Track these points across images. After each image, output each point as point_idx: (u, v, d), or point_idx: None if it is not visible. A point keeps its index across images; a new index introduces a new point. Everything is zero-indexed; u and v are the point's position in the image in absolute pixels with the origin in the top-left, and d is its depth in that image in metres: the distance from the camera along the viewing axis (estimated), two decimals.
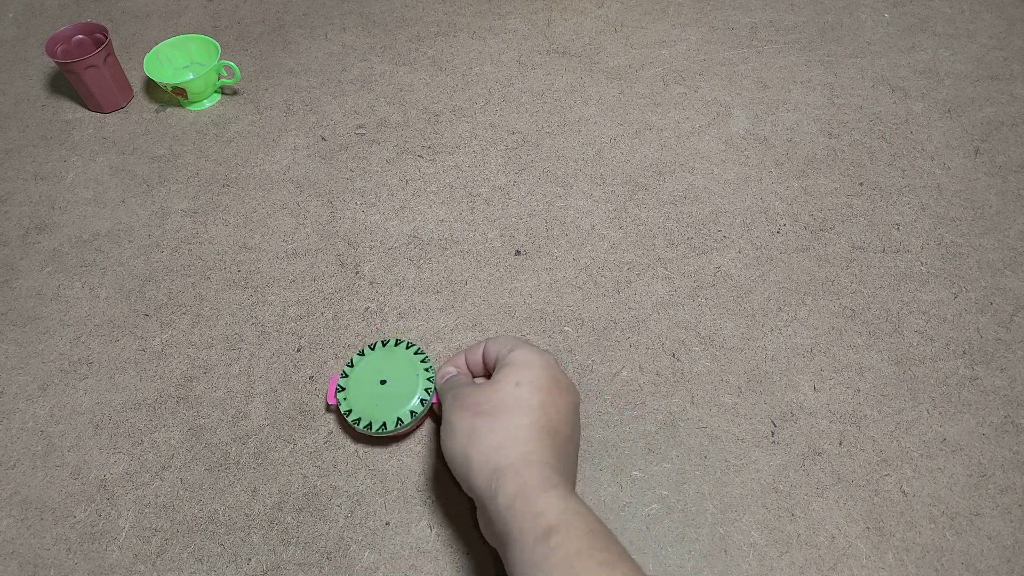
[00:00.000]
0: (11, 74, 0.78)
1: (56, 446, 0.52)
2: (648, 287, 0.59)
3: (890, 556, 0.46)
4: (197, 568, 0.46)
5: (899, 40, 0.79)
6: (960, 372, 0.54)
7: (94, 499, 0.49)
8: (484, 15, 0.83)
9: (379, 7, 0.84)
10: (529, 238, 0.63)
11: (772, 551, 0.47)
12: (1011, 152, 0.68)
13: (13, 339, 0.57)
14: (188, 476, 0.50)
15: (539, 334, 0.57)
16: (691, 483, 0.49)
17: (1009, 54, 0.77)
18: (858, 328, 0.57)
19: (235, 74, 0.72)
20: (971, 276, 0.60)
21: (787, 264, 0.61)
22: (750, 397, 0.53)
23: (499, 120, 0.72)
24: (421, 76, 0.76)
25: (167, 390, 0.54)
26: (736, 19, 0.82)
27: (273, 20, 0.83)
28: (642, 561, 0.46)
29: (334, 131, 0.71)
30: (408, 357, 0.52)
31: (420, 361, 0.51)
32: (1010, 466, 0.50)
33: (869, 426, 0.52)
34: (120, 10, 0.85)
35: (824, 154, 0.69)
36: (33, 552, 0.47)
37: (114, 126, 0.72)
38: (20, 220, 0.65)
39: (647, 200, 0.65)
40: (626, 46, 0.79)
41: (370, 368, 0.51)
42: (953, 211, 0.64)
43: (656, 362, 0.55)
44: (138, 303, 0.59)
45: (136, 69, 0.77)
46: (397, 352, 0.52)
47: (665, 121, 0.72)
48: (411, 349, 0.52)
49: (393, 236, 0.63)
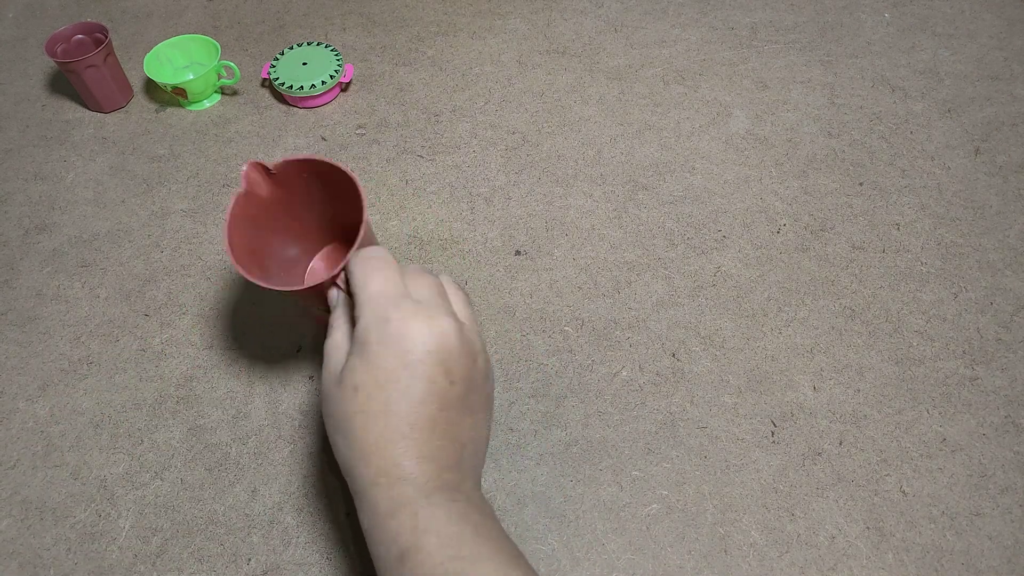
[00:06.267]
0: (11, 74, 0.78)
1: (56, 446, 0.52)
2: (648, 287, 0.59)
3: (890, 556, 0.46)
4: (197, 568, 0.46)
5: (899, 40, 0.79)
6: (960, 372, 0.54)
7: (94, 499, 0.49)
8: (484, 15, 0.83)
9: (379, 7, 0.84)
10: (529, 238, 0.63)
11: (772, 551, 0.47)
12: (1011, 152, 0.68)
13: (13, 339, 0.57)
14: (188, 476, 0.50)
15: (539, 334, 0.57)
16: (691, 483, 0.49)
17: (1009, 54, 0.77)
18: (858, 328, 0.57)
19: (235, 74, 0.72)
20: (971, 276, 0.60)
21: (787, 264, 0.61)
22: (750, 397, 0.53)
23: (499, 120, 0.72)
24: (421, 76, 0.76)
25: (167, 390, 0.54)
26: (736, 19, 0.82)
27: (273, 20, 0.83)
28: (642, 561, 0.46)
29: (334, 131, 0.71)
30: (324, 51, 0.73)
31: (332, 52, 0.73)
32: (1010, 466, 0.50)
33: (869, 426, 0.52)
34: (120, 10, 0.84)
35: (824, 154, 0.69)
36: (33, 552, 0.47)
37: (114, 126, 0.72)
38: (20, 220, 0.65)
39: (647, 200, 0.65)
40: (626, 46, 0.79)
41: (296, 56, 0.73)
42: (953, 211, 0.64)
43: (656, 362, 0.55)
44: (138, 303, 0.59)
45: (136, 69, 0.77)
46: (318, 48, 0.74)
47: (665, 121, 0.72)
48: (329, 48, 0.74)
49: (393, 236, 0.63)
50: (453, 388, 0.36)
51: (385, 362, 0.35)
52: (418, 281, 0.39)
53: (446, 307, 0.38)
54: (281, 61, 0.73)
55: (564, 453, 0.51)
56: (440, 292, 0.39)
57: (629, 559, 0.46)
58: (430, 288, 0.39)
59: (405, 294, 0.37)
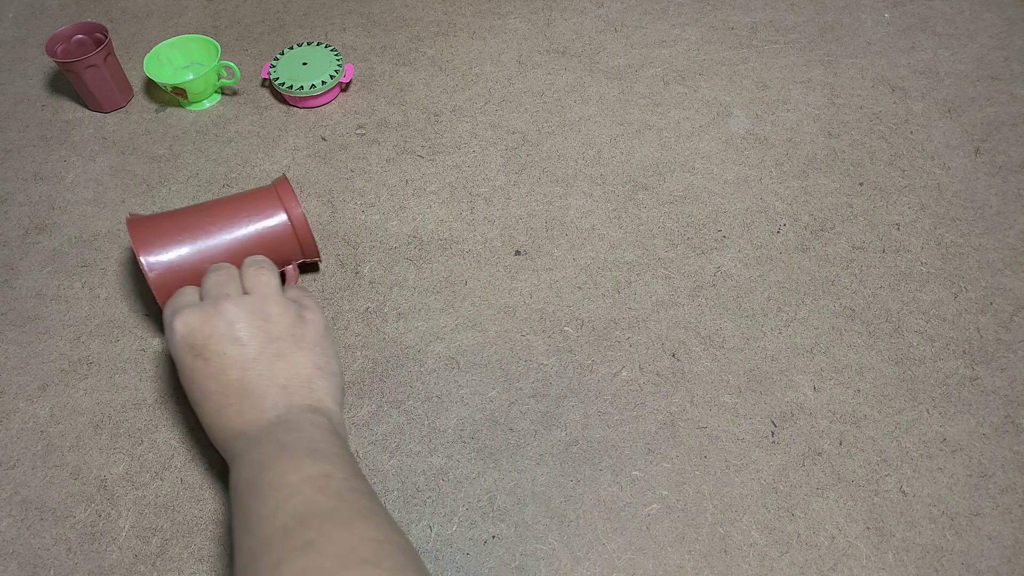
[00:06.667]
0: (11, 74, 0.78)
1: (56, 446, 0.52)
2: (648, 287, 0.59)
3: (890, 556, 0.46)
4: (197, 568, 0.46)
5: (899, 40, 0.79)
6: (960, 372, 0.54)
7: (94, 499, 0.49)
8: (484, 15, 0.83)
9: (379, 7, 0.84)
10: (529, 238, 0.63)
11: (772, 551, 0.47)
12: (1011, 152, 0.68)
13: (13, 339, 0.57)
14: (188, 476, 0.50)
15: (539, 334, 0.57)
16: (691, 483, 0.49)
17: (1009, 54, 0.78)
18: (858, 328, 0.57)
19: (235, 74, 0.72)
20: (971, 276, 0.60)
21: (787, 264, 0.61)
22: (750, 397, 0.53)
23: (499, 120, 0.72)
24: (421, 76, 0.76)
25: (167, 390, 0.54)
26: (736, 19, 0.82)
27: (273, 20, 0.83)
28: (642, 561, 0.46)
29: (334, 131, 0.71)
30: (324, 51, 0.74)
31: (332, 52, 0.73)
32: (1010, 466, 0.50)
33: (869, 426, 0.52)
34: (120, 10, 0.84)
35: (824, 154, 0.69)
36: (33, 552, 0.47)
37: (114, 126, 0.72)
38: (20, 220, 0.65)
39: (647, 200, 0.65)
40: (626, 46, 0.79)
41: (296, 56, 0.73)
42: (953, 211, 0.64)
43: (656, 362, 0.55)
44: (138, 303, 0.59)
45: (136, 69, 0.77)
46: (318, 48, 0.74)
47: (665, 121, 0.72)
48: (329, 48, 0.74)
49: (393, 236, 0.63)
50: (214, 360, 0.43)
51: (180, 361, 0.45)
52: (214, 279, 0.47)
53: (216, 293, 0.45)
54: (281, 61, 0.73)
55: (564, 453, 0.51)
56: (220, 283, 0.46)
57: (629, 559, 0.46)
58: (217, 287, 0.46)
59: (183, 303, 0.45)
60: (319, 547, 0.33)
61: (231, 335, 0.43)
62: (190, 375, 0.44)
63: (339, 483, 0.37)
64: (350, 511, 0.36)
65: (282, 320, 0.45)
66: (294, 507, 0.35)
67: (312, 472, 0.37)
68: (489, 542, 0.47)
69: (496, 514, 0.48)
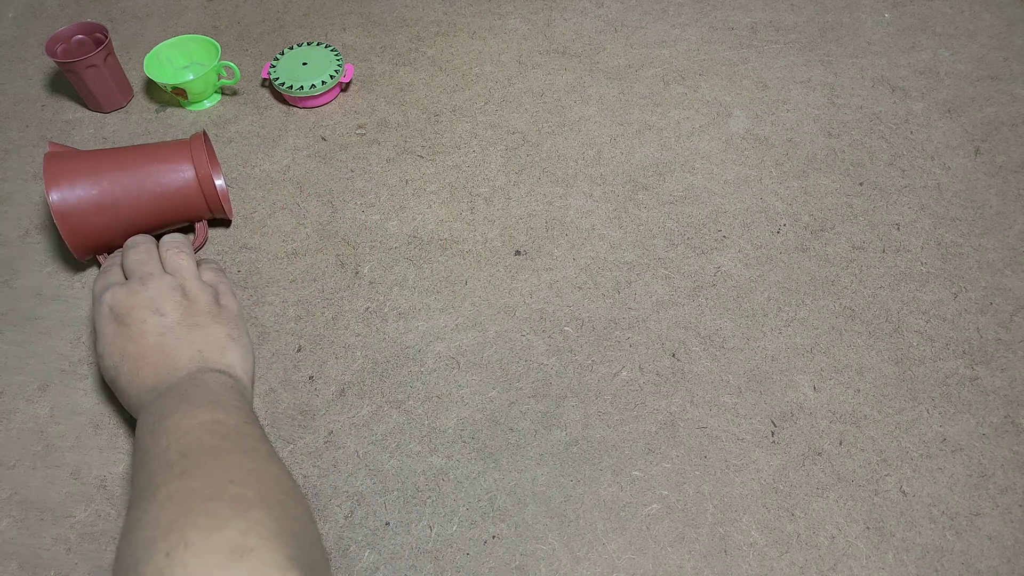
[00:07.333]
0: (11, 74, 0.78)
1: (56, 446, 0.52)
2: (648, 287, 0.59)
3: (890, 556, 0.46)
4: None
5: (899, 40, 0.79)
6: (960, 372, 0.54)
7: (94, 499, 0.49)
8: (484, 15, 0.83)
9: (379, 7, 0.84)
10: (529, 238, 0.63)
11: (772, 551, 0.47)
12: (1011, 152, 0.69)
13: (13, 339, 0.57)
14: None
15: (539, 334, 0.57)
16: (691, 483, 0.49)
17: (1009, 54, 0.78)
18: (858, 328, 0.57)
19: (235, 74, 0.72)
20: (971, 276, 0.60)
21: (787, 264, 0.61)
22: (750, 397, 0.53)
23: (499, 120, 0.72)
24: (421, 76, 0.76)
25: None
26: (736, 19, 0.82)
27: (273, 20, 0.83)
28: (642, 561, 0.46)
29: (334, 131, 0.71)
30: (324, 51, 0.74)
31: (332, 52, 0.74)
32: (1010, 466, 0.50)
33: (869, 426, 0.52)
34: (120, 10, 0.84)
35: (824, 154, 0.69)
36: (33, 552, 0.47)
37: (114, 126, 0.72)
38: (20, 220, 0.65)
39: (647, 200, 0.65)
40: (626, 46, 0.79)
41: (296, 56, 0.73)
42: (953, 211, 0.64)
43: (656, 362, 0.55)
44: None
45: (136, 69, 0.77)
46: (318, 48, 0.74)
47: (665, 121, 0.72)
48: (329, 48, 0.74)
49: (393, 236, 0.63)
50: (136, 326, 0.47)
51: (102, 328, 0.49)
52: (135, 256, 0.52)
53: (140, 272, 0.50)
54: (281, 61, 0.73)
55: (564, 453, 0.51)
56: (141, 261, 0.51)
57: (629, 559, 0.46)
58: (139, 265, 0.51)
59: (112, 281, 0.50)
60: (193, 473, 0.37)
61: (153, 307, 0.48)
62: (111, 339, 0.47)
63: (228, 427, 0.41)
64: (232, 448, 0.39)
65: (201, 299, 0.50)
66: (181, 446, 0.39)
67: (204, 419, 0.41)
68: (489, 542, 0.47)
69: (496, 514, 0.48)
